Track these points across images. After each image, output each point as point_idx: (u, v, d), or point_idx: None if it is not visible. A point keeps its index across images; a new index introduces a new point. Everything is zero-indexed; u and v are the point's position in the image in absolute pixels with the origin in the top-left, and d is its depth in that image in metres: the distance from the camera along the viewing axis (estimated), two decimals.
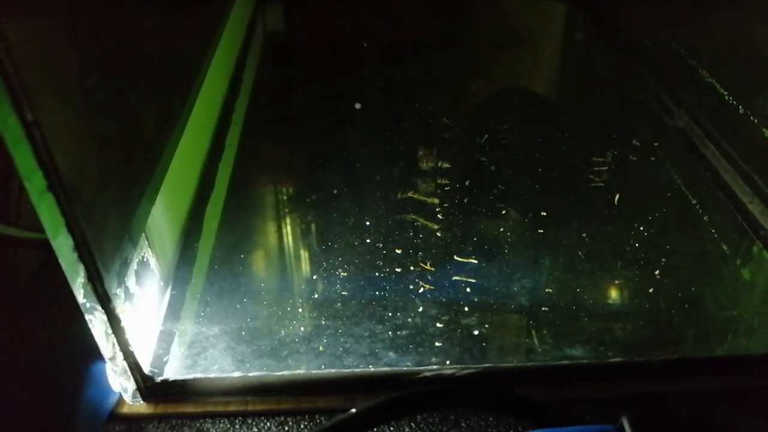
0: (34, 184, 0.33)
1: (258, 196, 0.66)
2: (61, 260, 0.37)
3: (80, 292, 0.38)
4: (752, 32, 0.62)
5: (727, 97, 0.66)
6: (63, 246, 0.36)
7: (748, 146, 0.63)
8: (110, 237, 0.41)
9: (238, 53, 0.91)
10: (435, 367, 0.46)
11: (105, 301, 0.39)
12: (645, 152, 0.70)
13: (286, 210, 0.64)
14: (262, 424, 0.45)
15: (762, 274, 0.56)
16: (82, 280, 0.38)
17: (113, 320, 0.40)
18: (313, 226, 0.61)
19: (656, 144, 0.71)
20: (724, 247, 0.58)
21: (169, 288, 0.53)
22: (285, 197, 0.66)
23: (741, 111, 0.63)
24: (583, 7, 1.04)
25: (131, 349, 0.43)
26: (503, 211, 0.61)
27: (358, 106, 0.75)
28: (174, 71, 0.60)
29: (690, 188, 0.65)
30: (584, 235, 0.58)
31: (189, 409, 0.46)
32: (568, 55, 0.97)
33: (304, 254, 0.58)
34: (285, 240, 0.60)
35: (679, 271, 0.55)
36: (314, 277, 0.55)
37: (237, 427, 0.45)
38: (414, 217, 0.61)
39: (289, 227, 0.62)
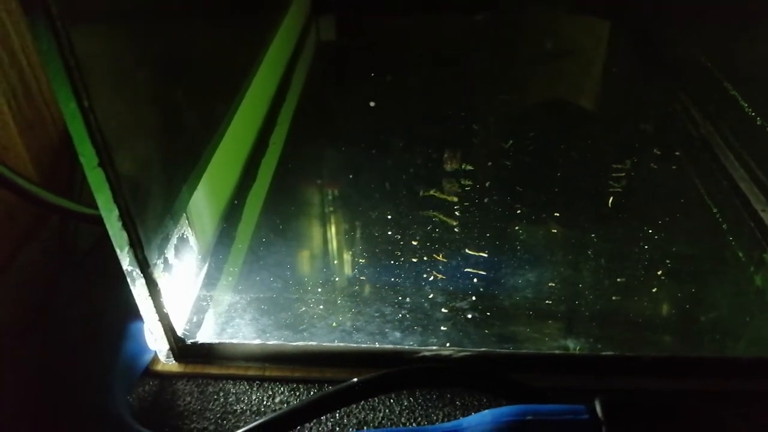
0: (88, 160, 0.39)
1: (296, 189, 0.72)
2: (108, 228, 0.43)
3: (123, 258, 0.45)
4: None
5: (747, 110, 0.67)
6: (110, 215, 0.42)
7: (764, 157, 0.64)
8: (152, 213, 0.47)
9: (287, 60, 0.97)
10: (434, 347, 0.50)
11: (144, 267, 0.45)
12: (667, 160, 0.72)
13: (320, 202, 0.69)
14: (276, 389, 0.50)
15: None
16: (126, 247, 0.44)
17: (151, 285, 0.46)
18: (341, 218, 0.66)
19: (677, 153, 0.72)
20: (735, 252, 0.59)
21: (207, 263, 0.59)
22: (320, 191, 0.71)
23: (758, 122, 0.64)
24: (626, 24, 1.06)
25: (166, 312, 0.49)
26: (518, 211, 0.64)
27: (372, 104, 0.80)
28: (222, 73, 0.66)
29: (707, 195, 0.66)
30: (593, 235, 0.61)
31: (214, 370, 0.51)
32: (604, 68, 0.99)
33: (331, 242, 0.63)
34: (315, 228, 0.65)
35: (687, 274, 0.57)
36: (335, 261, 0.60)
37: (254, 389, 0.50)
38: (434, 213, 0.65)
39: (320, 218, 0.67)
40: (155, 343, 0.50)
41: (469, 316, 0.53)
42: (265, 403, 0.49)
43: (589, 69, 0.99)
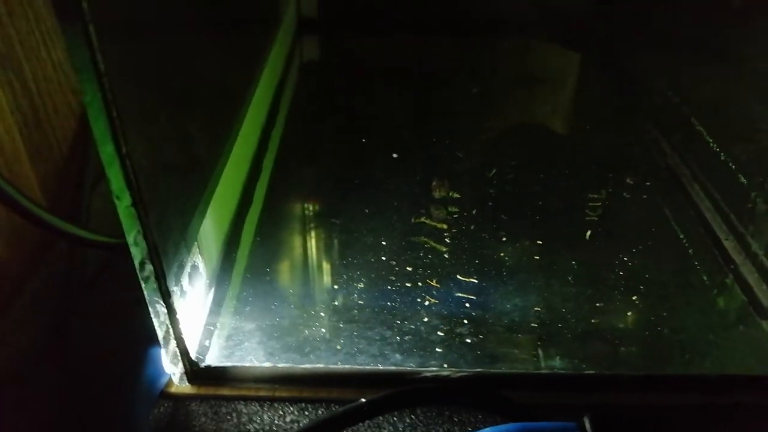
0: (123, 201, 0.42)
1: (287, 216, 0.75)
2: (135, 261, 0.46)
3: (147, 288, 0.47)
4: (734, 89, 0.70)
5: (712, 145, 0.74)
6: (138, 250, 0.45)
7: (726, 189, 0.70)
8: (171, 244, 0.50)
9: (277, 83, 1.00)
10: (434, 368, 0.54)
11: (166, 297, 0.48)
12: (638, 190, 0.78)
13: (313, 228, 0.73)
14: (285, 409, 0.53)
15: (732, 303, 0.63)
16: (151, 279, 0.47)
17: (171, 313, 0.49)
18: (335, 244, 0.70)
19: (648, 183, 0.79)
20: (700, 278, 0.65)
21: (213, 289, 0.62)
22: (312, 217, 0.75)
23: (722, 157, 0.71)
24: (596, 57, 1.12)
25: (182, 338, 0.51)
26: (503, 239, 0.69)
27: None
28: (224, 104, 0.69)
29: (675, 224, 0.72)
30: (573, 262, 0.66)
31: (225, 392, 0.54)
32: (577, 99, 1.05)
33: (328, 267, 0.67)
34: (311, 254, 0.69)
35: (658, 297, 0.62)
36: (335, 287, 0.63)
37: (265, 409, 0.53)
38: (425, 239, 0.69)
39: (314, 243, 0.70)
40: (171, 366, 0.53)
41: (462, 338, 0.57)
42: (276, 422, 0.52)
43: (566, 100, 1.05)
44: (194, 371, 0.54)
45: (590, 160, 0.85)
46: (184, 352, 0.52)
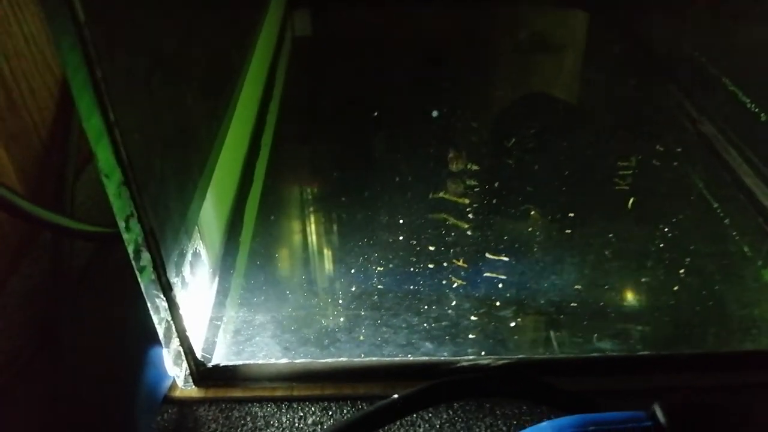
0: (113, 179, 0.36)
1: (291, 195, 0.69)
2: (129, 249, 0.40)
3: (145, 280, 0.41)
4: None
5: (749, 105, 0.68)
6: (133, 236, 0.39)
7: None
8: (170, 229, 0.44)
9: (271, 58, 0.94)
10: (471, 357, 0.49)
11: (167, 289, 0.42)
12: (668, 157, 0.72)
13: (320, 209, 0.67)
14: (306, 409, 0.48)
15: None
16: (148, 269, 0.41)
17: (172, 307, 0.43)
18: (347, 225, 0.64)
19: (679, 150, 0.73)
20: (745, 248, 0.60)
21: (217, 278, 0.56)
22: (318, 196, 0.69)
23: (763, 118, 0.65)
24: (605, 17, 1.06)
25: (187, 335, 0.46)
26: (531, 212, 0.63)
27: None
28: (220, 78, 0.63)
29: (711, 192, 0.67)
30: (610, 235, 0.60)
31: (237, 393, 0.49)
32: (591, 62, 0.99)
33: (342, 250, 0.61)
34: (321, 236, 0.63)
35: (701, 270, 0.57)
36: (352, 270, 0.57)
37: (283, 411, 0.48)
38: (445, 216, 0.63)
39: (323, 225, 0.64)
40: (174, 368, 0.47)
41: (498, 322, 0.52)
42: (296, 424, 0.46)
43: (579, 64, 0.99)
44: (201, 372, 0.48)
45: (612, 126, 0.79)
46: (188, 351, 0.46)
